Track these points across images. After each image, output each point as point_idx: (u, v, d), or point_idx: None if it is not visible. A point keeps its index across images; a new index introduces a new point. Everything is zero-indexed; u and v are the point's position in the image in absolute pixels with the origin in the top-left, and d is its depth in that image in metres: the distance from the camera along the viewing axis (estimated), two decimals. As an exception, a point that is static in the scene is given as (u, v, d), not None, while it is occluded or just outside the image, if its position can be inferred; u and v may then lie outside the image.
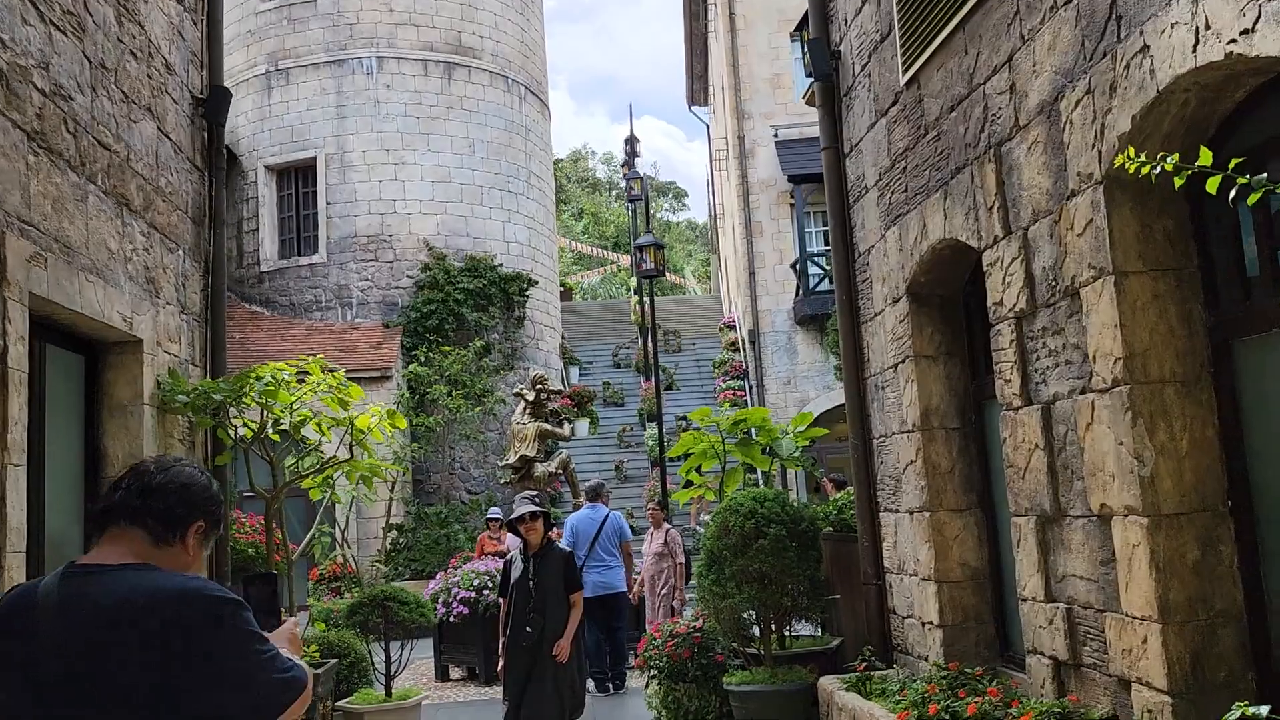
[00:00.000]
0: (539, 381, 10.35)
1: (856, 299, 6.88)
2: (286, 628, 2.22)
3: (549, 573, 5.68)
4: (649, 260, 14.51)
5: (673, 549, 9.56)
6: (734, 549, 6.62)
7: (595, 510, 9.30)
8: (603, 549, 9.02)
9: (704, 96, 34.35)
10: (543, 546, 5.74)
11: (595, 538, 9.05)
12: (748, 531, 6.57)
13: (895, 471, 6.28)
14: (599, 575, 8.93)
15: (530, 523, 5.72)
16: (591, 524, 9.15)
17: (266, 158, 20.33)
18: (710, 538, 6.76)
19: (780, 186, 22.76)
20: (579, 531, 9.11)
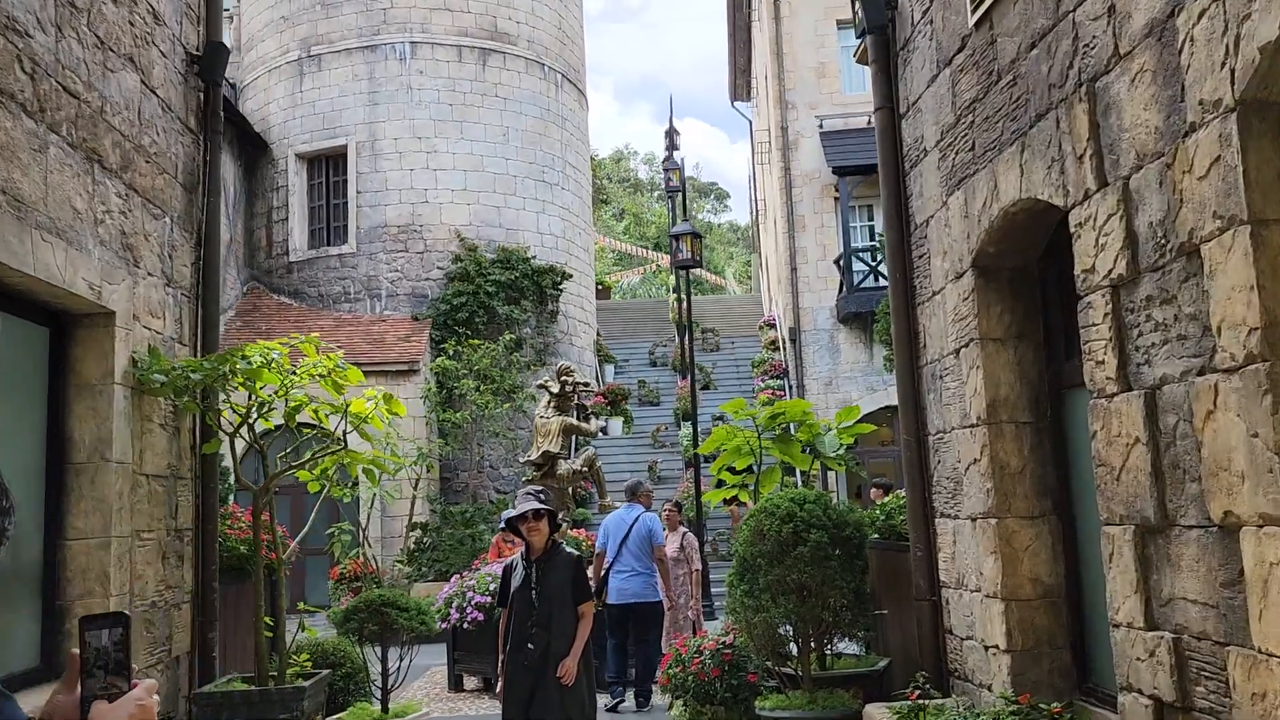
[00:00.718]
0: (564, 373, 9.69)
1: (911, 277, 6.13)
2: (132, 697, 1.52)
3: (554, 580, 4.98)
4: (685, 250, 13.81)
5: (689, 554, 8.82)
6: (769, 556, 5.90)
7: (629, 511, 8.56)
8: (630, 553, 8.29)
9: (747, 91, 33.59)
10: (547, 550, 5.06)
11: (623, 540, 8.34)
12: (785, 537, 5.85)
13: (955, 472, 5.52)
14: (624, 582, 8.24)
15: (533, 522, 4.96)
16: (621, 525, 8.44)
17: (297, 145, 19.91)
18: (743, 543, 6.04)
19: (824, 179, 21.96)
20: (609, 533, 8.44)
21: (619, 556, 8.29)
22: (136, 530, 5.57)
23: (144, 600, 5.61)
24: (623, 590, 8.24)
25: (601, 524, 8.64)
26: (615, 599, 8.29)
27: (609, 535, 8.41)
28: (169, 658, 5.95)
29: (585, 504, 17.93)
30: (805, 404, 6.86)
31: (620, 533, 8.37)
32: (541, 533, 5.00)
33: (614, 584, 8.27)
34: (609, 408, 20.88)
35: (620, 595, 8.26)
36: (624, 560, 8.26)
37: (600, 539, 8.51)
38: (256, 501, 6.33)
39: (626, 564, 8.25)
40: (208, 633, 6.31)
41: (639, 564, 8.28)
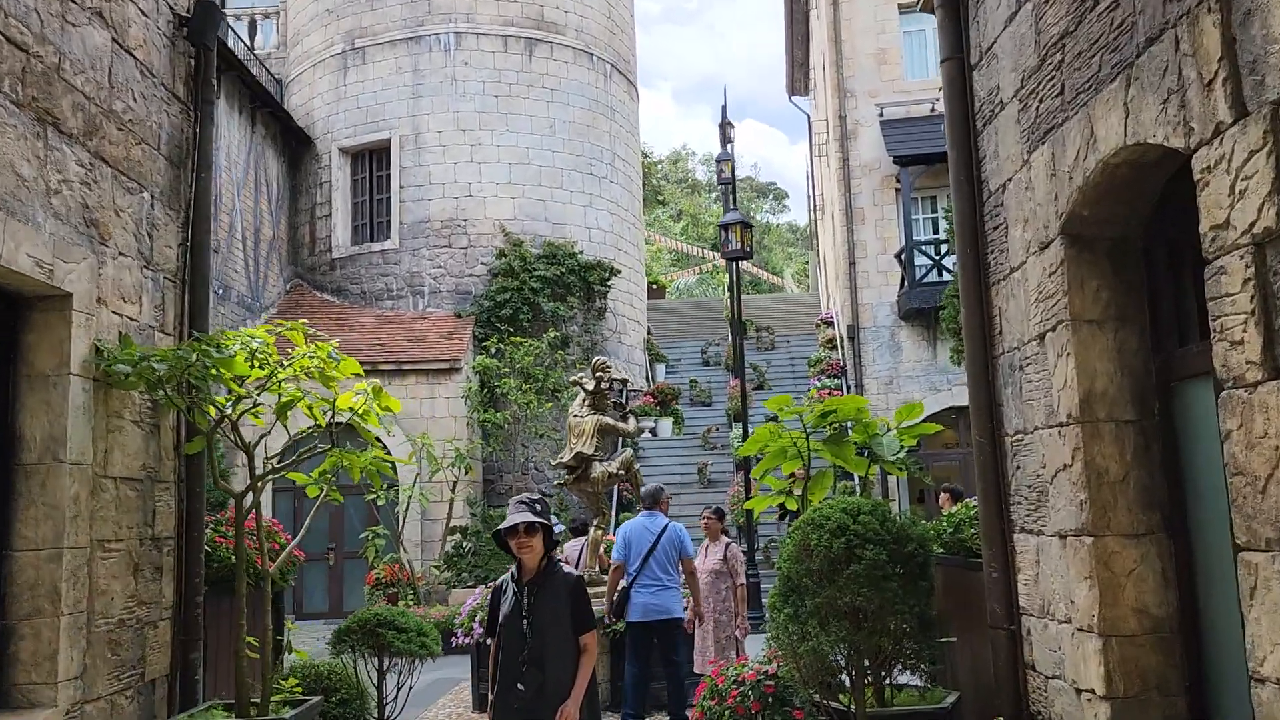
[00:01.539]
0: (599, 368, 8.95)
1: (984, 252, 5.27)
2: None
3: (550, 607, 4.19)
4: (735, 241, 13.00)
5: (733, 566, 8.01)
6: (818, 575, 5.09)
7: (652, 519, 7.83)
8: (658, 565, 7.54)
9: (805, 85, 32.65)
10: (542, 571, 4.31)
11: (650, 551, 7.56)
12: (836, 554, 5.03)
13: (1038, 480, 4.66)
14: (652, 596, 7.48)
15: (524, 538, 4.21)
16: (647, 535, 7.68)
17: (341, 139, 19.51)
18: (787, 560, 5.24)
19: (885, 170, 20.99)
20: (631, 542, 7.65)
21: (643, 569, 7.54)
22: (100, 540, 4.95)
23: (108, 619, 5.00)
24: (649, 606, 7.48)
25: (619, 533, 7.85)
26: (639, 616, 7.50)
27: (629, 545, 7.63)
28: (140, 681, 5.33)
29: (630, 508, 17.18)
30: (860, 400, 6.02)
31: (644, 543, 7.61)
32: (535, 550, 4.24)
33: (638, 600, 7.52)
34: (658, 408, 20.13)
35: (646, 612, 7.49)
36: (650, 573, 7.51)
37: (619, 550, 7.70)
38: (238, 506, 5.68)
39: (653, 577, 7.51)
40: (190, 653, 5.69)
41: (666, 577, 7.56)
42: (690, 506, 17.51)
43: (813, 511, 5.32)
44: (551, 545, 4.36)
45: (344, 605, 16.03)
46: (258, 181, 18.35)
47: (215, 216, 16.41)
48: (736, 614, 7.76)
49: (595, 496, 9.13)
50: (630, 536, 7.70)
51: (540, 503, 4.35)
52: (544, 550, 4.30)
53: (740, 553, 7.96)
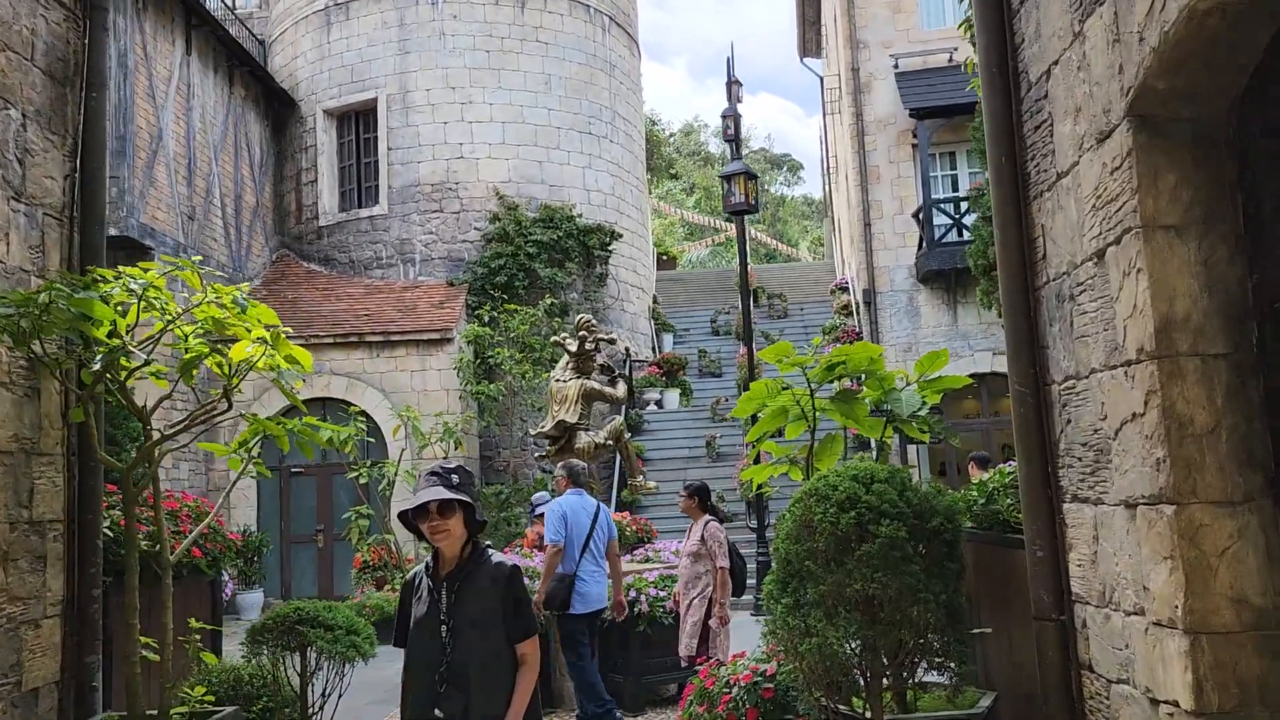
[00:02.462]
0: (584, 327, 8.04)
1: (1023, 160, 4.30)
2: None
3: (476, 607, 3.26)
4: (739, 192, 12.00)
5: (711, 549, 7.01)
6: (823, 557, 4.17)
7: (584, 499, 7.05)
8: (596, 550, 6.85)
9: (816, 46, 31.49)
10: (466, 561, 3.33)
11: (590, 533, 6.83)
12: (845, 531, 4.11)
13: (1097, 436, 3.72)
14: (596, 584, 6.80)
15: (437, 519, 3.25)
16: (582, 516, 6.90)
17: (325, 101, 18.57)
18: (785, 539, 4.31)
19: (900, 124, 19.93)
20: (570, 523, 6.82)
21: (586, 553, 6.77)
22: (-52, 524, 4.08)
23: (-39, 619, 4.13)
24: (593, 595, 6.81)
25: (552, 510, 6.94)
26: (584, 607, 6.77)
27: (570, 526, 6.80)
28: (17, 691, 4.47)
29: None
30: (874, 348, 5.06)
31: (584, 525, 6.81)
32: (452, 534, 3.28)
33: (583, 588, 6.78)
34: (664, 379, 19.20)
35: (590, 602, 6.80)
36: (591, 558, 6.81)
37: (556, 529, 6.77)
38: (125, 484, 4.78)
39: (595, 563, 6.83)
40: (85, 656, 4.83)
41: (603, 563, 6.88)
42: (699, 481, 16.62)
43: (816, 480, 4.39)
44: (477, 527, 3.42)
45: (334, 589, 15.25)
46: (238, 145, 17.46)
47: (191, 181, 15.54)
48: (716, 602, 6.76)
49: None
50: (570, 516, 6.87)
51: (459, 472, 3.38)
52: (467, 534, 3.36)
53: (720, 532, 6.98)
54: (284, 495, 15.84)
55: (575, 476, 7.11)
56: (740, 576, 6.98)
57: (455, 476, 3.35)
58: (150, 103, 14.41)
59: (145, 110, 14.24)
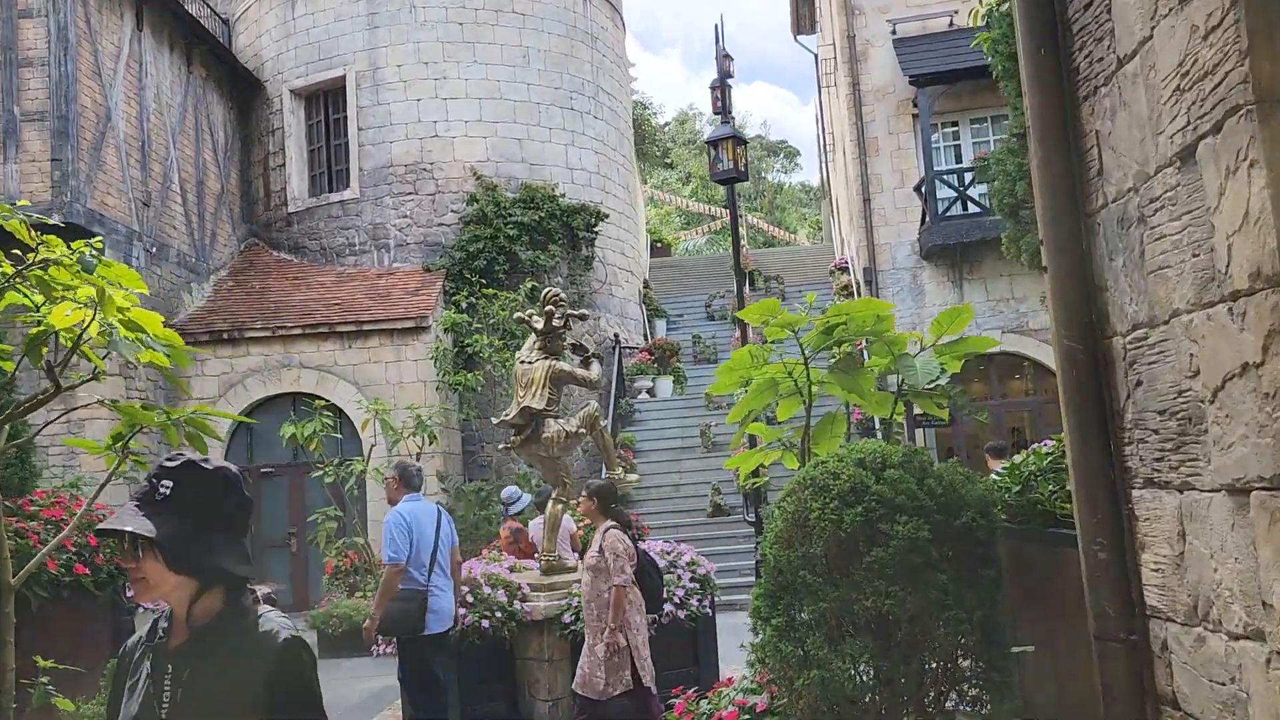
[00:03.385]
0: (551, 301, 7.11)
1: (1068, 48, 3.37)
2: None
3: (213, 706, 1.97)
4: (726, 158, 11.06)
5: (608, 562, 5.79)
6: (823, 565, 3.25)
7: (423, 504, 6.27)
8: (442, 564, 6.13)
9: (810, 22, 30.51)
10: (205, 627, 2.03)
11: (436, 543, 6.07)
12: (851, 530, 3.19)
13: (1183, 399, 2.80)
14: (446, 600, 6.11)
15: (131, 560, 1.98)
16: (429, 523, 6.14)
17: (292, 81, 17.61)
18: (774, 542, 3.38)
19: (900, 94, 18.98)
20: (415, 532, 6.00)
21: (433, 564, 6.04)
22: None
23: None
24: (446, 612, 6.14)
25: (391, 522, 6.08)
26: (439, 626, 6.05)
27: (415, 535, 6.01)
28: None
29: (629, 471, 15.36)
30: (881, 304, 4.14)
31: (429, 535, 6.05)
32: (150, 585, 2.00)
33: (439, 604, 6.08)
34: (656, 366, 18.27)
35: (442, 619, 6.08)
36: (441, 571, 6.11)
37: (398, 544, 5.93)
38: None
39: (444, 576, 6.14)
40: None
41: (448, 577, 6.19)
42: (693, 474, 15.71)
43: (812, 467, 3.46)
44: (210, 574, 2.04)
45: (310, 597, 14.34)
46: (199, 128, 16.50)
47: (145, 165, 14.60)
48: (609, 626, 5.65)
49: (551, 462, 7.30)
50: (414, 525, 6.09)
51: (180, 481, 2.04)
52: (194, 584, 2.02)
53: (620, 542, 5.82)
54: (254, 496, 14.92)
55: (409, 479, 6.33)
56: (653, 594, 5.90)
57: (170, 489, 2.02)
58: (96, 80, 13.47)
59: (90, 88, 13.30)
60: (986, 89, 18.59)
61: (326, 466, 11.67)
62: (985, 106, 18.92)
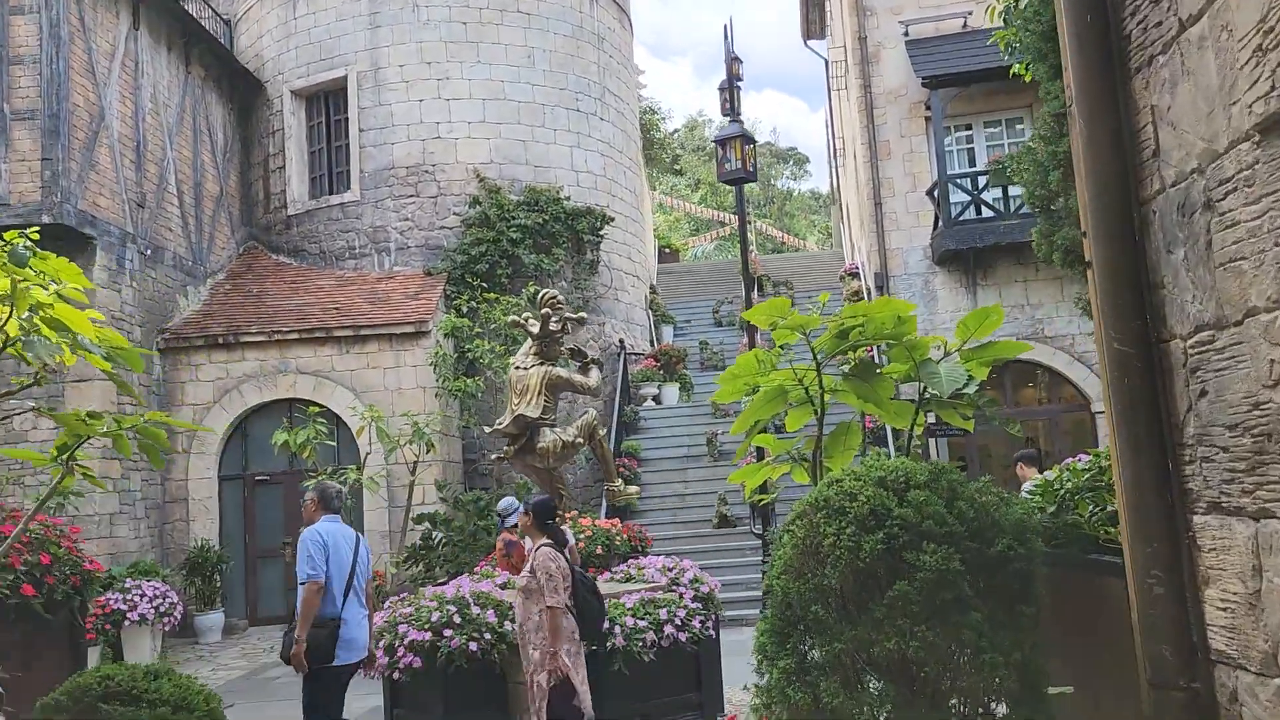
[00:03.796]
0: (547, 304, 6.74)
1: (1118, 13, 2.98)
2: None
3: None
4: (734, 158, 10.67)
5: (540, 582, 5.30)
6: (839, 600, 2.85)
7: (342, 527, 5.90)
8: (360, 588, 5.78)
9: (820, 27, 30.17)
10: None
11: (353, 569, 5.73)
12: (870, 559, 2.80)
13: (1260, 412, 2.40)
14: (361, 629, 5.76)
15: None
16: (346, 547, 5.79)
17: (293, 81, 17.30)
18: (781, 570, 2.99)
19: (912, 96, 18.58)
20: (331, 552, 5.66)
21: (349, 591, 5.62)
22: None
23: None
24: (361, 641, 5.76)
25: (306, 540, 5.70)
26: (348, 657, 5.67)
27: (331, 555, 5.67)
28: None
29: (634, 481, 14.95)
30: (902, 305, 3.74)
31: (345, 559, 5.71)
32: None
33: (349, 633, 5.65)
34: (662, 372, 17.87)
35: (358, 648, 5.73)
36: (357, 596, 5.76)
37: (314, 563, 5.57)
38: None
39: (360, 604, 5.78)
40: None
41: (364, 605, 5.84)
42: (699, 483, 15.29)
43: (826, 486, 3.06)
44: None
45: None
46: (197, 129, 16.19)
47: (140, 165, 14.29)
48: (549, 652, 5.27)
49: (546, 473, 6.91)
50: (331, 545, 5.73)
51: None
52: None
53: (553, 561, 5.39)
54: (248, 505, 14.58)
55: (328, 500, 5.95)
56: (590, 619, 5.51)
57: None
58: (89, 78, 13.15)
59: (83, 86, 12.99)
60: (1001, 91, 18.20)
61: (319, 475, 11.30)
62: (1000, 109, 18.53)
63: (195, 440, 14.44)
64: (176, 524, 14.35)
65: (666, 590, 6.71)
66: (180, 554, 14.01)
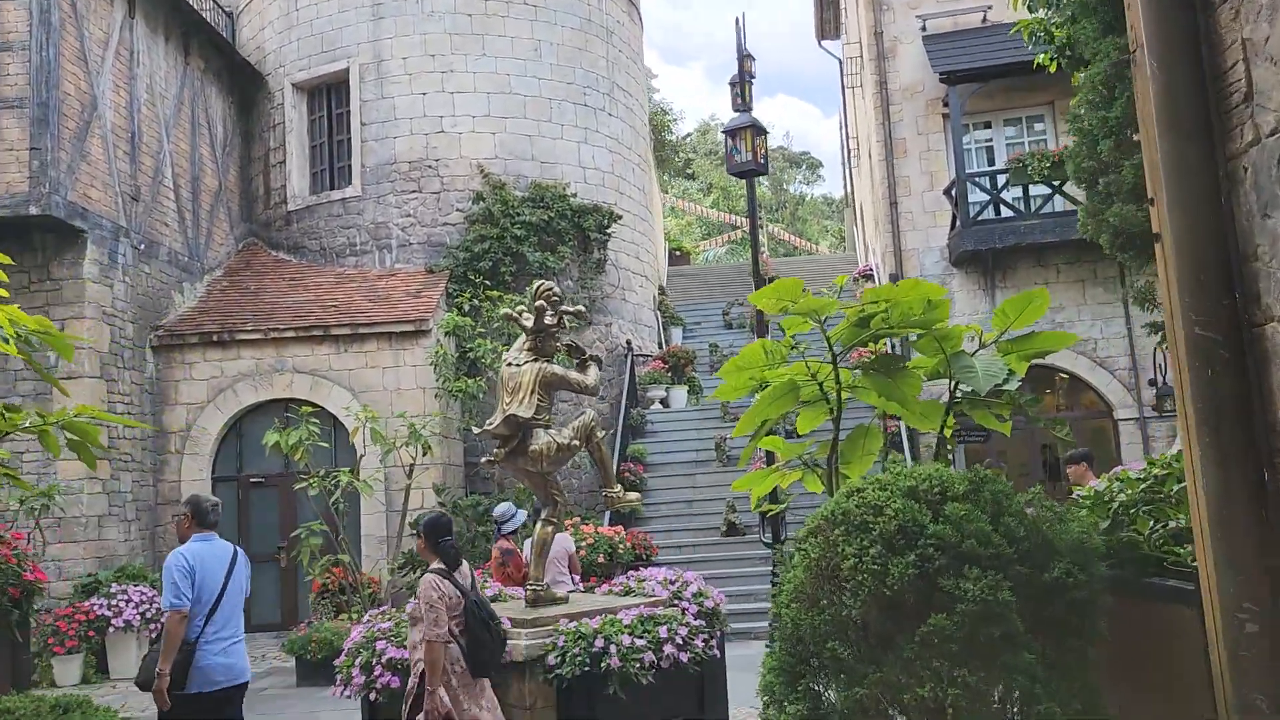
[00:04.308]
0: (542, 295, 6.29)
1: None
2: None
3: None
4: (744, 150, 10.19)
5: (419, 609, 4.94)
6: (859, 634, 2.35)
7: (215, 544, 5.49)
8: (232, 608, 5.38)
9: (835, 27, 29.70)
10: None
11: (224, 589, 5.31)
12: (900, 586, 2.29)
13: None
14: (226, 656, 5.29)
15: None
16: (216, 566, 5.36)
17: (294, 74, 16.89)
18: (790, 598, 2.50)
19: (929, 92, 18.08)
20: (197, 575, 5.26)
21: (214, 615, 5.21)
22: None
23: None
24: (227, 668, 5.29)
25: (176, 563, 5.29)
26: (210, 684, 5.22)
27: (198, 577, 5.29)
28: None
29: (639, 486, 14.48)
30: (933, 288, 3.26)
31: (216, 578, 5.32)
32: None
33: (209, 660, 5.21)
34: (670, 375, 17.39)
35: (227, 673, 5.28)
36: (225, 620, 5.31)
37: (180, 589, 5.18)
38: None
39: (232, 627, 5.35)
40: None
41: (239, 625, 5.43)
42: (707, 489, 14.80)
43: (845, 497, 2.58)
44: None
45: (299, 615, 13.53)
46: (195, 122, 15.79)
47: (135, 158, 13.90)
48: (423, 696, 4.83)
49: (540, 478, 6.42)
50: (199, 568, 5.26)
51: None
52: None
53: (434, 589, 5.06)
54: (242, 509, 14.15)
55: (201, 515, 5.52)
56: (487, 651, 5.08)
57: None
58: (81, 66, 12.76)
59: (74, 74, 12.60)
60: (1022, 88, 17.68)
61: (311, 478, 10.86)
62: (1020, 106, 18.00)
63: (188, 441, 14.02)
64: (169, 526, 13.91)
65: (668, 605, 6.22)
66: (172, 558, 13.58)
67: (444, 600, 4.96)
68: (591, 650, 5.50)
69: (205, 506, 5.55)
